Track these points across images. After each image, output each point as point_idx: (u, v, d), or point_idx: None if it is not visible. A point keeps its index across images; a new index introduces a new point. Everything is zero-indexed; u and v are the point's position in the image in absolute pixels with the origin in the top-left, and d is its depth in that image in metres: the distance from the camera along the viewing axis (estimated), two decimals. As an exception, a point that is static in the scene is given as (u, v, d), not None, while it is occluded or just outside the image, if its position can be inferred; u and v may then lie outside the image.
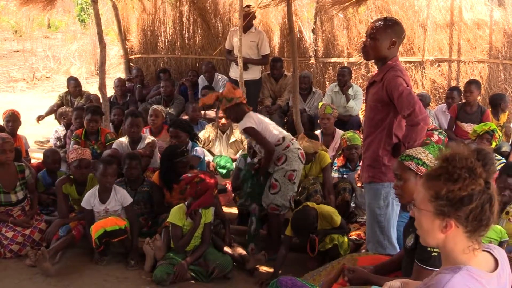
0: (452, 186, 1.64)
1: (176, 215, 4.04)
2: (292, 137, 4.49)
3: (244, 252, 4.18)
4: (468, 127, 6.24)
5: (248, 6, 7.08)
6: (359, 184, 4.78)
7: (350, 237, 4.29)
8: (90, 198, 4.29)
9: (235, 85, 6.54)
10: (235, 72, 7.29)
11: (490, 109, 6.59)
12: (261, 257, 4.05)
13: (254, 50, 7.26)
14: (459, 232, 1.66)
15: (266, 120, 4.56)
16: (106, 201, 4.28)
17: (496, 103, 6.46)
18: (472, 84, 6.44)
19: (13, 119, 5.80)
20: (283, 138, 4.35)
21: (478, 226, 1.65)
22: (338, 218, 4.09)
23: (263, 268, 4.11)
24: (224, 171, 5.92)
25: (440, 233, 1.68)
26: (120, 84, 7.77)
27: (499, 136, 5.29)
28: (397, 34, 3.29)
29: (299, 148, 4.41)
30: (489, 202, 1.63)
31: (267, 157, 4.29)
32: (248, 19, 6.96)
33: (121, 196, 4.32)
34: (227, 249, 4.19)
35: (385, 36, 3.25)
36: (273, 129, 4.42)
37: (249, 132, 4.32)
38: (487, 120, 6.13)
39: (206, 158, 5.81)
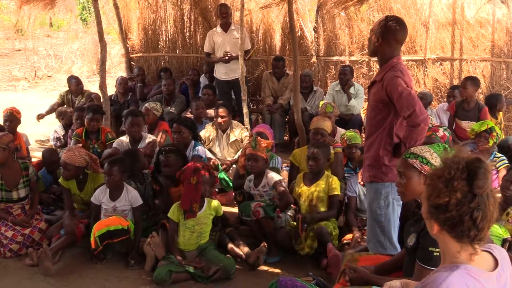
0: (430, 192, 1.69)
1: (173, 211, 4.08)
2: None
3: (247, 248, 4.16)
4: (466, 125, 6.20)
5: (224, 5, 7.35)
6: (361, 183, 4.75)
7: (343, 242, 4.32)
8: (100, 194, 4.30)
9: (225, 86, 6.74)
10: (221, 73, 7.42)
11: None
12: (262, 248, 4.04)
13: (238, 47, 7.22)
14: (446, 235, 1.69)
15: None
16: (117, 199, 4.28)
17: (492, 104, 6.42)
18: (468, 80, 6.38)
19: (11, 118, 5.77)
20: None
21: (461, 235, 1.65)
22: (338, 188, 4.40)
23: (263, 268, 4.10)
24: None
25: (432, 230, 1.73)
26: (122, 81, 7.77)
27: (497, 134, 5.27)
28: (395, 34, 3.27)
29: None
30: (470, 215, 1.62)
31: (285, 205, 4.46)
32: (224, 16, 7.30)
33: (132, 196, 4.31)
34: (232, 245, 4.18)
35: (385, 35, 3.25)
36: None
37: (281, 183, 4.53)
38: (484, 117, 6.08)
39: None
